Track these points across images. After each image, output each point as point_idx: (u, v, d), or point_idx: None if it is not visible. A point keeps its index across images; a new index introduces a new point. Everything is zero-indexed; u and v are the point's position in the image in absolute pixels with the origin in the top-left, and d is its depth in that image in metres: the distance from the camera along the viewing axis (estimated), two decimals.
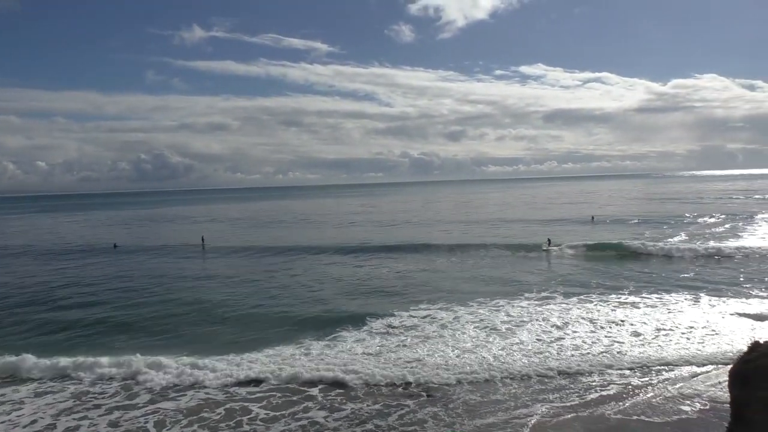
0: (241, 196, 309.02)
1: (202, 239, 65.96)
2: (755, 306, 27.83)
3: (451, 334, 24.40)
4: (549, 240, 51.02)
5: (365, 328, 25.99)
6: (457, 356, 21.46)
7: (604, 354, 21.54)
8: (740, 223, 66.14)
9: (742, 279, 34.41)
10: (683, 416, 16.30)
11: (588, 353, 21.60)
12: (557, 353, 21.70)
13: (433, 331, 24.87)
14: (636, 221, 73.34)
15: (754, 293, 30.65)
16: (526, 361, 20.83)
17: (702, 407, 16.74)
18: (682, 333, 23.65)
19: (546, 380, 19.27)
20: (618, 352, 21.65)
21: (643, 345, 22.47)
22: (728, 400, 12.41)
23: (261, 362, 21.46)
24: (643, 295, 30.97)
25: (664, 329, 24.24)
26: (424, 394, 18.35)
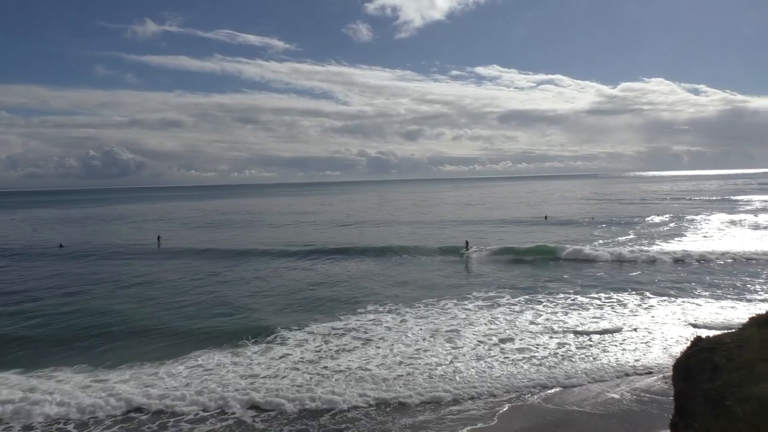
0: (196, 194, 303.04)
1: (158, 238, 64.63)
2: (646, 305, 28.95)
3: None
4: (467, 243, 50.32)
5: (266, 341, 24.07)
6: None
7: (544, 358, 21.89)
8: (679, 224, 68.80)
9: (657, 280, 34.93)
10: (628, 409, 16.76)
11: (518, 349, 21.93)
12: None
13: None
14: (587, 221, 75.28)
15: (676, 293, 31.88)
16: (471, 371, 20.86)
17: (647, 401, 17.24)
18: (608, 334, 24.32)
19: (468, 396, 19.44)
20: (554, 353, 22.08)
21: (575, 348, 22.99)
22: (672, 394, 12.75)
23: (126, 386, 19.05)
24: (559, 296, 31.09)
25: (580, 330, 24.88)
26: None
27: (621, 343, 22.63)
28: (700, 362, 11.41)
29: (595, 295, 31.01)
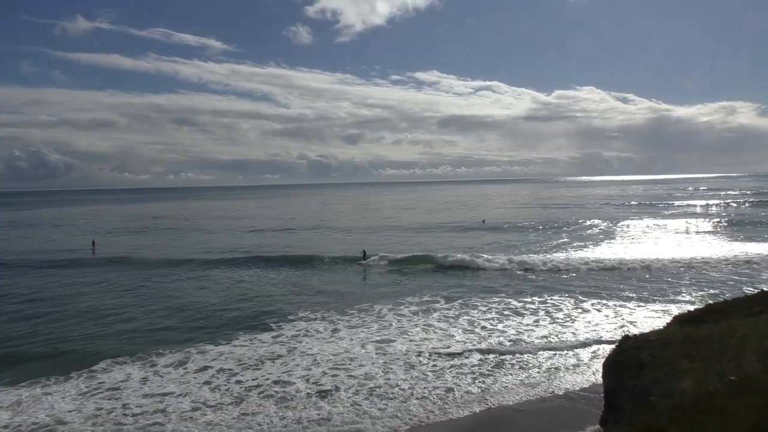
0: (129, 197, 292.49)
1: (93, 243, 62.14)
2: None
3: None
4: (364, 252, 48.86)
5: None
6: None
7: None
8: (607, 229, 71.82)
9: (548, 285, 35.71)
10: (560, 406, 17.34)
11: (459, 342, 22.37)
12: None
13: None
14: (523, 225, 77.39)
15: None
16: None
17: (578, 398, 17.88)
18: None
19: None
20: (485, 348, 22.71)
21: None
22: (602, 390, 13.27)
23: None
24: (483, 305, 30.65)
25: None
26: None
27: (546, 342, 23.43)
28: (628, 360, 11.92)
29: (494, 303, 31.25)
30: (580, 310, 29.09)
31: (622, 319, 27.17)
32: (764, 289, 14.63)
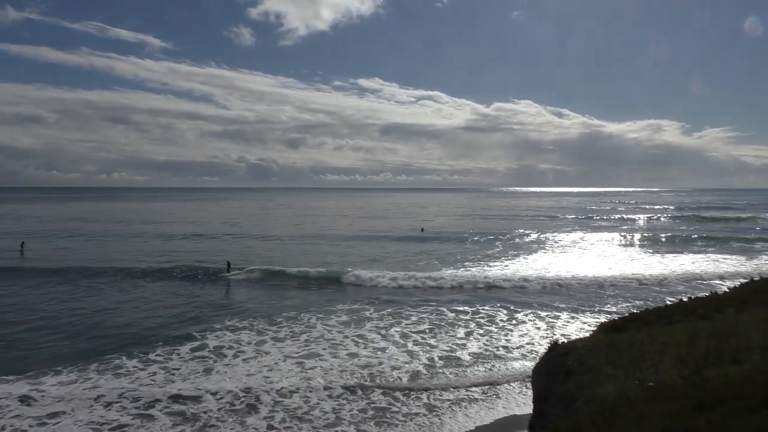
0: (57, 197, 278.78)
1: (22, 245, 58.80)
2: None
3: None
4: (228, 263, 45.54)
5: None
6: None
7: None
8: (537, 240, 74.12)
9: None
10: (488, 409, 17.70)
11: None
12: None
13: None
14: (459, 234, 78.81)
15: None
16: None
17: (509, 405, 18.31)
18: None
19: None
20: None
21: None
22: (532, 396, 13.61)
23: None
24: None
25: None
26: None
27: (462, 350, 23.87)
28: (556, 366, 12.29)
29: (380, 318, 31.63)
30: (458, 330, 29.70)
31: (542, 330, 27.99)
32: (682, 299, 15.43)
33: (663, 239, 70.33)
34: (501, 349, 24.20)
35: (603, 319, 27.52)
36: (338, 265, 47.28)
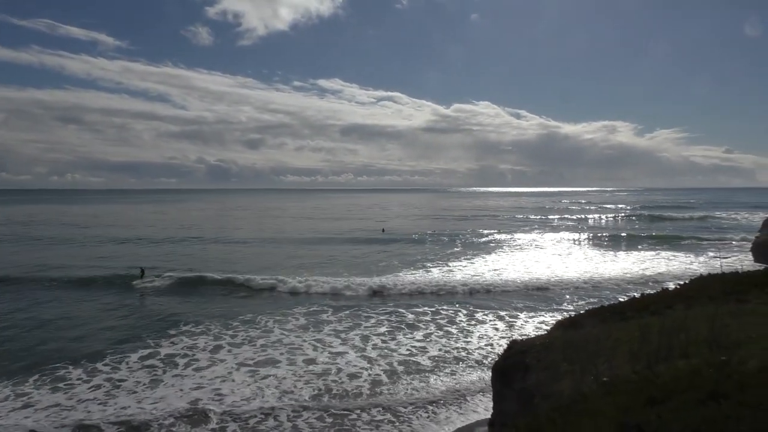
0: (7, 199, 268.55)
1: None
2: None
3: None
4: (142, 270, 42.54)
5: None
6: None
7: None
8: (492, 241, 75.26)
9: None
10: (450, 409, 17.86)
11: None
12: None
13: None
14: (421, 234, 79.30)
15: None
16: None
17: (468, 401, 18.51)
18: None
19: None
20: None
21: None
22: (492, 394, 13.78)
23: None
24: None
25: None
26: None
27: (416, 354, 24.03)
28: (515, 364, 12.48)
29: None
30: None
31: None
32: (635, 295, 15.88)
33: (616, 238, 72.16)
34: (461, 351, 24.36)
35: (560, 317, 28.17)
36: (287, 270, 45.02)
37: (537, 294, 36.99)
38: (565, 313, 29.34)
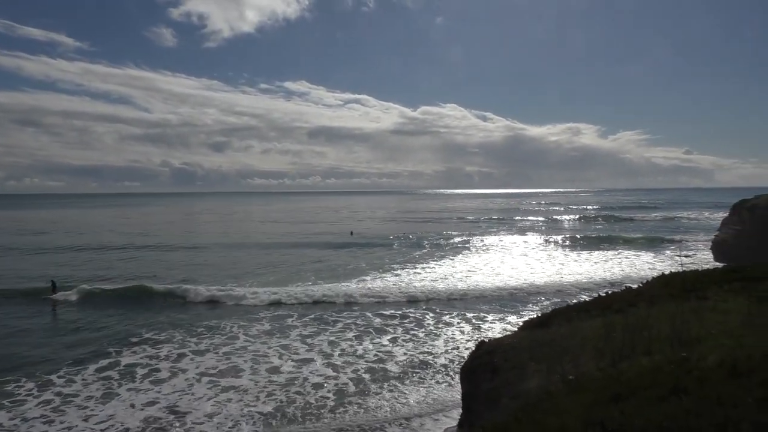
0: None
1: None
2: None
3: None
4: (53, 284, 39.24)
5: None
6: None
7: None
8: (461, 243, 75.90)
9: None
10: (420, 412, 17.89)
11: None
12: None
13: None
14: (389, 238, 79.40)
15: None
16: None
17: (438, 403, 18.57)
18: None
19: None
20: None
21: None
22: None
23: None
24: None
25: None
26: None
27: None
28: (483, 364, 12.55)
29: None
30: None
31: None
32: (600, 294, 16.16)
33: (581, 239, 73.46)
34: (428, 355, 24.26)
35: (527, 317, 28.50)
36: (249, 276, 44.08)
37: (504, 295, 37.37)
38: (532, 314, 29.77)
